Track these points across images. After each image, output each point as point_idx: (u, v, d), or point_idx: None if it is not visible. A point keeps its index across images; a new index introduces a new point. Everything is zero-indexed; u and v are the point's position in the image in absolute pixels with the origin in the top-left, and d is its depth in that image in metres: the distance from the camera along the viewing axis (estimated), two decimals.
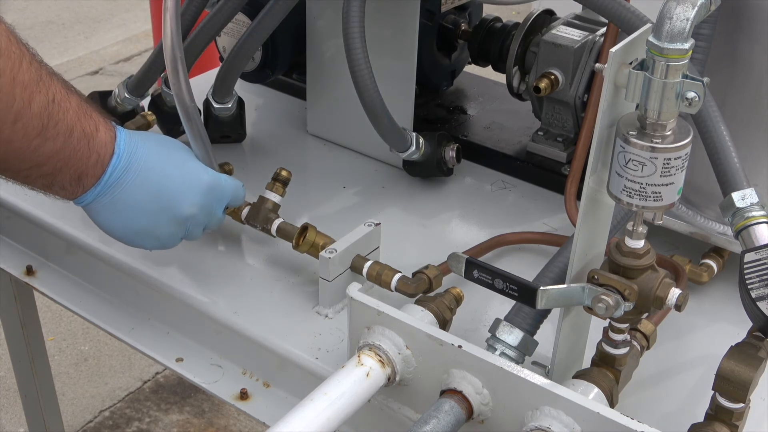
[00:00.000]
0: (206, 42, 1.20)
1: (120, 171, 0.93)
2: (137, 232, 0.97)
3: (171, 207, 0.97)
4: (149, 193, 0.95)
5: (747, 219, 0.85)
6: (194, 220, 1.00)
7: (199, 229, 1.02)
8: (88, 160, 0.90)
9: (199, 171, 1.00)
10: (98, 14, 4.42)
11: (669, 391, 0.95)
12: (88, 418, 2.30)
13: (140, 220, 0.96)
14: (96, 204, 0.94)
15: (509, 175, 1.31)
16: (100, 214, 0.95)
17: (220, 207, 1.03)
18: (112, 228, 0.97)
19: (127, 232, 0.97)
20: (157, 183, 0.96)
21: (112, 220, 0.96)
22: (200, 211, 0.99)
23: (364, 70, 1.07)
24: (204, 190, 0.99)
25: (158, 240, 0.99)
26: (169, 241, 1.00)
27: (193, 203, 0.98)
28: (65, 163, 0.89)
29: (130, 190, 0.94)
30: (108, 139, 0.92)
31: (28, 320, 1.47)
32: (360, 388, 0.83)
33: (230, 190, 1.04)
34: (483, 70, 1.43)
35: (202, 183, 0.99)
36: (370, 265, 1.01)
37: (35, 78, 0.83)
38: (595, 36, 1.23)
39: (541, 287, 0.79)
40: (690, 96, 0.72)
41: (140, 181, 0.94)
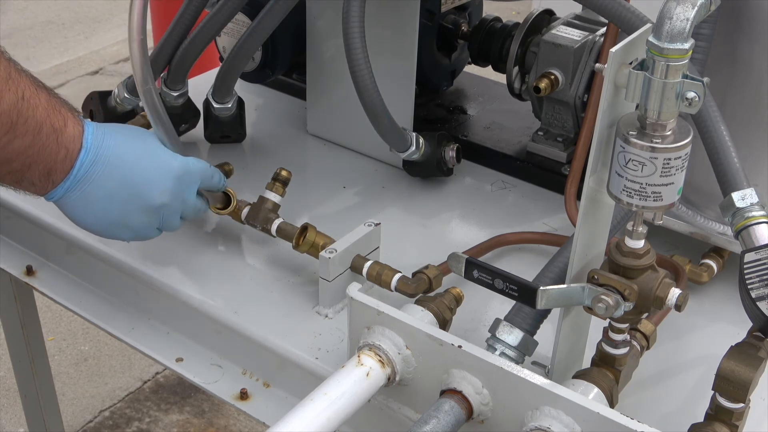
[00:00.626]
0: (206, 42, 1.20)
1: (88, 164, 0.93)
2: (110, 223, 0.97)
3: (141, 196, 0.96)
4: (118, 183, 0.95)
5: (747, 219, 0.85)
6: (168, 209, 0.99)
7: (175, 218, 1.01)
8: (56, 155, 0.90)
9: (167, 158, 0.99)
10: (98, 14, 4.41)
11: (669, 391, 0.95)
12: (88, 418, 2.30)
13: (111, 212, 0.96)
14: (66, 199, 0.94)
15: (509, 175, 1.31)
16: (72, 209, 0.95)
17: (191, 192, 1.02)
18: (85, 221, 0.97)
19: (100, 224, 0.97)
20: (126, 173, 0.95)
21: (84, 214, 0.96)
22: (172, 199, 0.99)
23: (364, 70, 1.07)
24: (174, 177, 0.98)
25: (132, 230, 0.99)
26: (144, 231, 1.00)
27: (164, 191, 0.98)
28: (34, 160, 0.89)
29: (98, 182, 0.93)
30: (76, 133, 0.92)
31: (28, 320, 1.47)
32: (360, 388, 0.83)
33: (198, 173, 1.02)
34: (483, 70, 1.43)
35: (172, 170, 0.98)
36: (370, 265, 1.01)
37: (4, 76, 0.84)
38: (595, 36, 1.23)
39: (541, 287, 0.79)
40: (690, 96, 0.72)
41: (108, 172, 0.94)
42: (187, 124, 1.34)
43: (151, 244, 1.15)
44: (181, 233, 1.17)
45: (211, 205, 1.08)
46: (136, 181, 0.96)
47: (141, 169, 0.96)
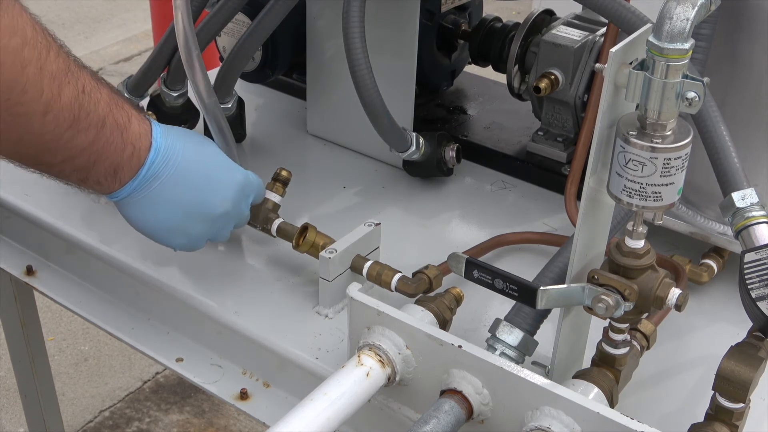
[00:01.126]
0: (206, 42, 1.20)
1: (158, 165, 0.91)
2: (170, 228, 0.96)
3: (206, 204, 0.96)
4: (186, 189, 0.93)
5: (747, 219, 0.85)
6: (226, 219, 0.99)
7: (228, 228, 1.01)
8: (122, 152, 0.88)
9: (232, 167, 0.99)
10: (98, 14, 4.42)
11: (669, 391, 0.95)
12: (88, 418, 2.30)
13: (174, 217, 0.95)
14: (131, 199, 0.92)
15: (509, 175, 1.31)
16: (134, 209, 0.94)
17: (247, 204, 1.02)
18: (144, 224, 0.95)
19: (159, 228, 0.96)
20: (194, 178, 0.94)
21: (146, 216, 0.94)
22: (233, 209, 0.98)
23: (364, 70, 1.07)
24: (238, 187, 0.98)
25: (188, 238, 0.98)
26: (198, 241, 0.99)
27: (226, 199, 0.97)
28: (99, 156, 0.87)
29: (166, 185, 0.92)
30: (142, 131, 0.90)
31: (28, 320, 1.47)
32: (360, 388, 0.83)
33: (256, 185, 1.03)
34: (483, 70, 1.43)
35: (236, 179, 0.98)
36: (370, 265, 1.01)
37: (63, 68, 0.81)
38: (595, 36, 1.23)
39: (541, 287, 0.79)
40: (690, 96, 0.72)
41: (177, 175, 0.92)
42: (187, 125, 1.34)
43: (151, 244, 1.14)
44: None
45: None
46: (203, 188, 0.95)
47: (208, 176, 0.96)
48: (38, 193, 1.24)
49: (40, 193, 1.24)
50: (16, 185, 1.25)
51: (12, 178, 1.26)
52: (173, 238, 0.98)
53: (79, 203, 1.22)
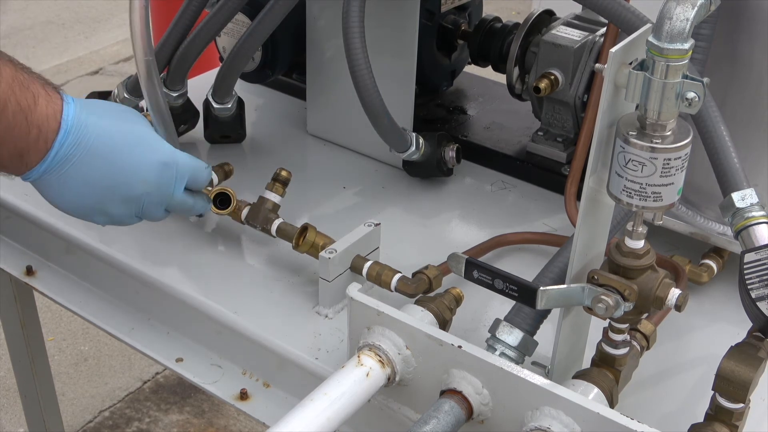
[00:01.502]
0: (206, 42, 1.20)
1: (69, 147, 0.88)
2: (88, 207, 0.93)
3: (122, 185, 0.92)
4: (99, 170, 0.90)
5: (747, 219, 0.85)
6: (149, 199, 0.95)
7: (157, 209, 0.97)
8: (27, 135, 0.85)
9: (155, 147, 0.94)
10: (98, 14, 4.41)
11: (669, 391, 0.95)
12: (88, 418, 2.30)
13: (89, 197, 0.92)
14: (43, 180, 0.90)
15: (509, 175, 1.31)
16: (48, 190, 0.91)
17: (178, 187, 0.97)
18: (61, 204, 0.93)
19: (75, 208, 0.93)
20: (108, 159, 0.90)
21: (61, 196, 0.92)
22: (155, 190, 0.94)
23: (364, 70, 1.07)
24: (158, 167, 0.94)
25: (109, 217, 0.95)
26: (121, 219, 0.96)
27: (146, 181, 0.93)
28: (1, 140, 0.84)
29: (79, 166, 0.89)
30: (50, 112, 0.87)
31: (28, 320, 1.47)
32: (360, 388, 0.83)
33: (189, 168, 0.98)
34: (483, 70, 1.43)
35: (157, 159, 0.94)
36: (370, 265, 1.01)
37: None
38: (595, 36, 1.23)
39: (541, 287, 0.79)
40: (690, 96, 0.72)
41: (90, 156, 0.89)
42: (187, 125, 1.34)
43: (151, 244, 1.15)
44: (181, 233, 1.17)
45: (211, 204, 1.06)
46: (119, 168, 0.91)
47: (125, 155, 0.91)
48: (38, 193, 1.24)
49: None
50: (16, 185, 1.25)
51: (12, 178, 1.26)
52: (93, 216, 0.95)
53: None
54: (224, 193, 1.09)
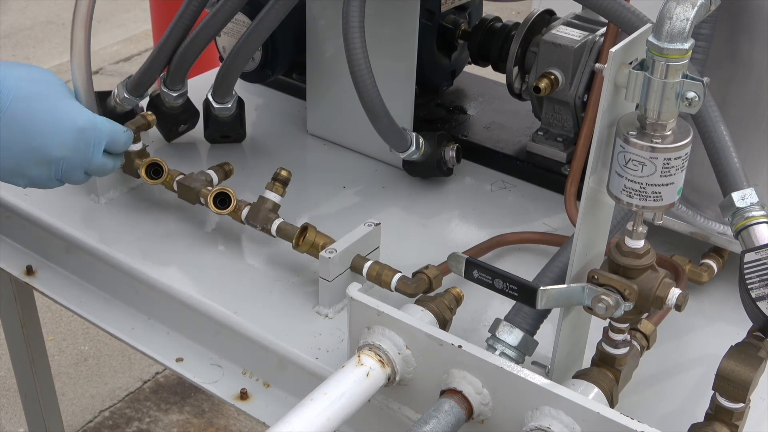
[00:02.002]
0: (206, 42, 1.20)
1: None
2: (6, 170, 0.94)
3: (38, 148, 0.93)
4: (15, 133, 0.91)
5: (747, 219, 0.85)
6: (67, 162, 0.96)
7: (77, 173, 0.98)
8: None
9: (72, 111, 0.96)
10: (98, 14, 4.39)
11: (669, 391, 0.95)
12: (88, 418, 2.30)
13: (8, 160, 0.93)
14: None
15: (509, 175, 1.31)
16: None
17: (97, 150, 0.98)
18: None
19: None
20: (25, 123, 0.92)
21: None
22: (73, 154, 0.96)
23: (364, 70, 1.07)
24: (75, 131, 0.95)
25: (29, 179, 0.96)
26: (41, 181, 0.97)
27: (63, 144, 0.94)
28: None
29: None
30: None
31: (28, 320, 1.47)
32: (360, 388, 0.83)
33: (107, 132, 0.99)
34: (483, 70, 1.43)
35: (74, 123, 0.95)
36: (370, 265, 1.01)
37: None
38: (595, 36, 1.23)
39: (541, 287, 0.79)
40: (690, 96, 0.72)
41: (5, 121, 0.90)
42: (187, 125, 1.34)
43: (151, 244, 1.15)
44: (181, 233, 1.17)
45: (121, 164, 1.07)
46: (35, 132, 0.92)
47: (41, 119, 0.93)
48: (38, 193, 1.24)
49: (40, 193, 1.24)
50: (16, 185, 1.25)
51: None
52: (13, 179, 0.96)
53: (79, 203, 1.22)
54: (224, 193, 1.09)
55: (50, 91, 0.96)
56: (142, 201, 1.23)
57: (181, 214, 1.20)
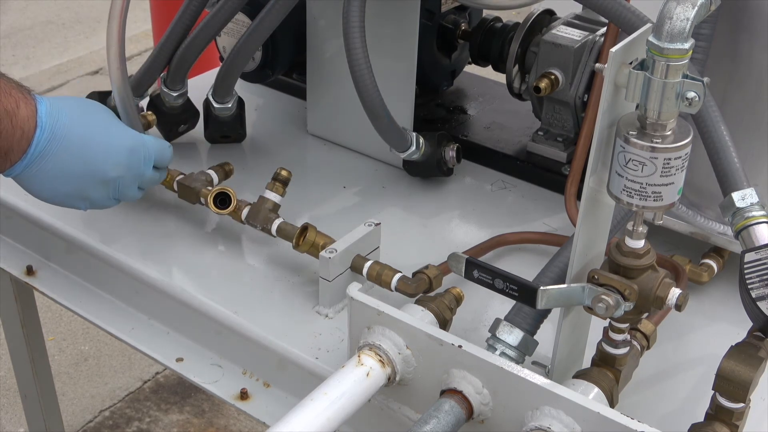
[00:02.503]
0: (206, 42, 1.20)
1: (44, 142, 0.95)
2: (66, 195, 1.00)
3: (96, 170, 1.00)
4: (74, 158, 0.98)
5: (747, 219, 0.85)
6: (123, 181, 1.03)
7: (131, 189, 1.05)
8: (13, 137, 0.92)
9: (121, 133, 1.03)
10: (98, 14, 4.41)
11: (669, 391, 0.95)
12: (88, 418, 2.30)
13: (68, 185, 0.99)
14: (24, 175, 0.96)
15: (509, 175, 1.31)
16: (29, 183, 0.98)
17: (147, 166, 1.06)
18: (42, 194, 1.00)
19: (56, 196, 1.00)
20: (81, 148, 0.98)
21: (41, 188, 0.99)
22: (127, 172, 1.02)
23: (364, 70, 1.07)
24: (127, 151, 1.02)
25: (89, 201, 1.03)
26: (100, 202, 1.04)
27: (118, 164, 1.01)
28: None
29: (55, 158, 0.96)
30: (29, 113, 0.94)
31: (28, 320, 1.47)
32: (360, 388, 0.83)
33: (155, 149, 1.07)
34: (483, 70, 1.43)
35: (125, 144, 1.02)
36: (370, 265, 1.01)
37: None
38: (595, 36, 1.23)
39: (541, 287, 0.79)
40: (690, 96, 0.72)
41: (64, 148, 0.96)
42: (187, 125, 1.34)
43: (151, 244, 1.15)
44: (181, 233, 1.17)
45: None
46: (91, 155, 0.99)
47: (95, 143, 0.99)
48: None
49: None
50: (16, 185, 1.25)
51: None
52: (74, 203, 1.02)
53: None
54: (224, 193, 1.10)
55: (99, 117, 1.03)
56: (142, 201, 1.23)
57: (181, 214, 1.20)
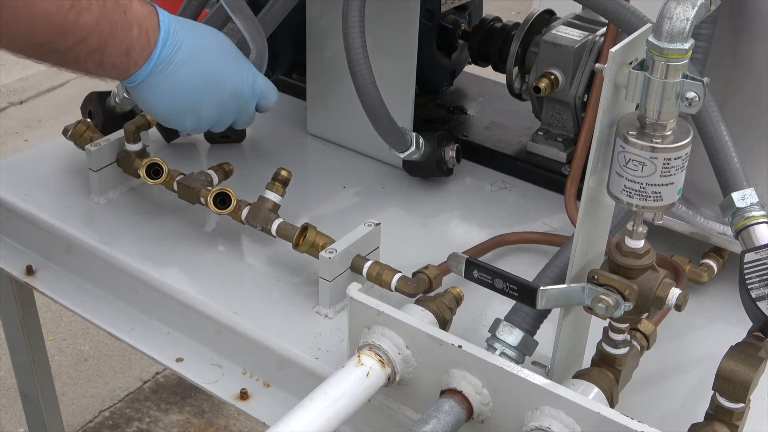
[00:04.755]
0: None
1: (170, 48, 0.96)
2: (182, 109, 1.01)
3: (214, 90, 1.01)
4: (196, 72, 0.99)
5: (747, 219, 0.85)
6: (231, 106, 1.04)
7: (230, 118, 1.06)
8: (130, 31, 0.93)
9: (240, 60, 1.05)
10: None
11: (669, 391, 0.95)
12: (88, 418, 2.30)
13: (187, 99, 1.00)
14: (147, 82, 0.97)
15: (509, 175, 1.31)
16: (151, 93, 0.99)
17: (253, 101, 1.07)
18: (160, 106, 1.01)
19: (172, 109, 1.01)
20: (203, 65, 0.99)
21: (162, 98, 1.00)
22: (237, 99, 1.04)
23: (364, 70, 1.07)
24: (242, 79, 1.04)
25: (198, 121, 1.04)
26: (206, 123, 1.05)
27: (234, 87, 1.03)
28: (108, 36, 0.91)
29: (178, 69, 0.97)
30: (146, 12, 0.94)
31: (28, 320, 1.47)
32: (360, 388, 0.83)
33: (263, 87, 1.08)
34: (483, 70, 1.43)
35: (242, 71, 1.04)
36: (370, 265, 1.01)
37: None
38: (595, 36, 1.23)
39: (541, 287, 0.79)
40: (690, 96, 0.72)
41: (187, 61, 0.98)
42: None
43: (151, 244, 1.15)
44: (181, 233, 1.17)
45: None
46: (213, 75, 1.00)
47: (216, 63, 1.01)
48: (38, 193, 1.24)
49: (40, 193, 1.24)
50: (16, 185, 1.25)
51: (12, 178, 1.26)
52: (185, 118, 1.03)
53: (79, 203, 1.22)
54: (224, 193, 1.09)
55: (220, 40, 1.04)
56: (142, 201, 1.23)
57: (181, 214, 1.20)
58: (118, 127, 1.21)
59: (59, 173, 1.28)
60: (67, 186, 1.26)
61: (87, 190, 1.23)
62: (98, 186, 1.21)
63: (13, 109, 3.53)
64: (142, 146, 1.19)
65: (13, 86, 3.66)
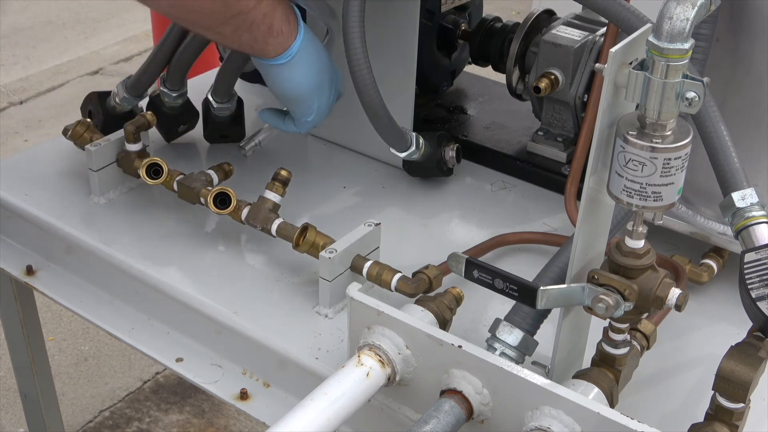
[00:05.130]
0: (206, 42, 1.20)
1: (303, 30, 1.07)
2: (314, 87, 1.10)
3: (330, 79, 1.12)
4: (319, 61, 1.09)
5: (747, 219, 0.85)
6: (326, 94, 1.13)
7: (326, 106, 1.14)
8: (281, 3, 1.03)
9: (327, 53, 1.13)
10: (98, 14, 4.41)
11: (669, 391, 0.95)
12: (88, 418, 2.30)
13: (318, 77, 1.10)
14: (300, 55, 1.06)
15: (509, 175, 1.31)
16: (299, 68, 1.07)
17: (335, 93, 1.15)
18: (307, 81, 1.09)
19: (308, 86, 1.10)
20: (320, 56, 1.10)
21: (308, 73, 1.08)
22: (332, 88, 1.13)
23: (364, 70, 1.07)
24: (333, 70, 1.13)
25: (319, 102, 1.12)
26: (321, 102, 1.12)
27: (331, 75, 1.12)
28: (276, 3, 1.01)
29: (309, 48, 1.07)
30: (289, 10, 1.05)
31: (28, 320, 1.47)
32: (360, 388, 0.83)
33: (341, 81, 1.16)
34: (483, 70, 1.43)
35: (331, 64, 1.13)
36: (370, 265, 1.01)
37: None
38: (595, 36, 1.23)
39: (541, 287, 0.79)
40: (690, 96, 0.72)
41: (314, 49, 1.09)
42: (186, 125, 1.34)
43: (151, 244, 1.15)
44: (181, 233, 1.17)
45: None
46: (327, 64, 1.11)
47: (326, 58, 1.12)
48: (38, 193, 1.24)
49: (40, 193, 1.24)
50: (16, 185, 1.25)
51: (12, 178, 1.26)
52: (312, 97, 1.11)
53: (79, 203, 1.22)
54: (224, 193, 1.09)
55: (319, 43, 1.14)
56: (142, 201, 1.23)
57: (181, 214, 1.20)
58: (118, 127, 1.21)
59: (59, 173, 1.28)
60: (67, 186, 1.26)
61: (87, 190, 1.23)
62: (98, 186, 1.21)
63: (13, 109, 3.53)
64: (142, 146, 1.19)
65: (13, 86, 3.66)
